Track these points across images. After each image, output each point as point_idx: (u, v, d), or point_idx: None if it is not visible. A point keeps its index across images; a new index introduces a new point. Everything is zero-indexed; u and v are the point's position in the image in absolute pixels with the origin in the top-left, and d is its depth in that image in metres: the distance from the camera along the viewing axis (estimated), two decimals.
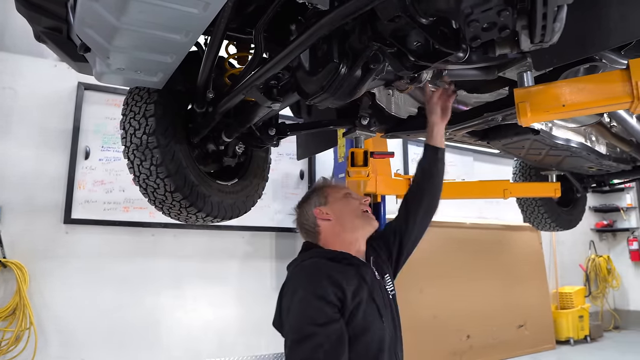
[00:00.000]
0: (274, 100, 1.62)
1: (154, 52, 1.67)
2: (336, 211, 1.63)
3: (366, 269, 1.53)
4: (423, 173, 1.83)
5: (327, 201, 1.66)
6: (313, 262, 1.49)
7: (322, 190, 1.71)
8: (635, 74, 1.43)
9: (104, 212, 3.84)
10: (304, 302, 1.34)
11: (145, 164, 2.01)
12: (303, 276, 1.44)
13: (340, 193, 1.69)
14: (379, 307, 1.45)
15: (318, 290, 1.34)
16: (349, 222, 1.61)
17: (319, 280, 1.37)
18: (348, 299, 1.36)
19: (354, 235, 1.61)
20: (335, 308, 1.34)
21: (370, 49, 1.28)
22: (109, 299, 3.77)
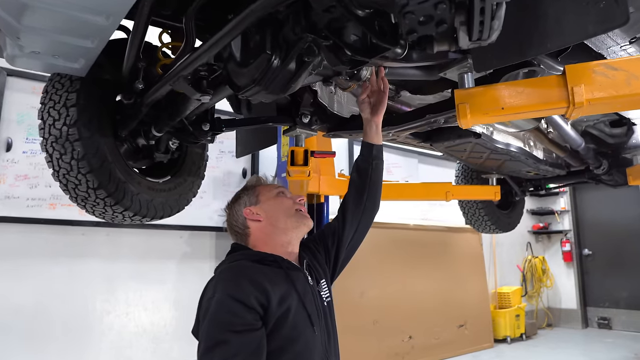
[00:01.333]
0: (204, 92, 1.50)
1: (73, 35, 1.51)
2: (267, 211, 1.52)
3: (297, 274, 1.43)
4: (359, 172, 1.74)
5: (258, 200, 1.55)
6: (237, 264, 1.39)
7: (253, 190, 1.60)
8: (571, 80, 1.44)
9: (28, 209, 3.55)
10: (221, 306, 1.21)
11: (66, 158, 1.84)
12: (224, 279, 1.31)
13: (272, 192, 1.59)
14: (310, 315, 1.34)
15: (237, 294, 1.22)
16: (281, 223, 1.51)
17: (240, 283, 1.26)
18: (273, 306, 1.25)
19: (286, 236, 1.51)
20: (257, 315, 1.22)
21: (304, 41, 1.20)
22: (30, 303, 3.49)
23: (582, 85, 1.41)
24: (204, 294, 1.32)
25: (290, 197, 1.60)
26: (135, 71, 1.87)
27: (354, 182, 1.76)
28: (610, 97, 1.40)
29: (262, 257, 1.41)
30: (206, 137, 2.11)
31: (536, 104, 1.48)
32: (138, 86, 1.86)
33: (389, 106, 2.56)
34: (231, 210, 1.60)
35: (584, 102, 1.41)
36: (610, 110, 1.61)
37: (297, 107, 2.29)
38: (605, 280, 8.05)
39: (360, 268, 5.17)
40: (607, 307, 7.99)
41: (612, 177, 3.72)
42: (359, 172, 1.74)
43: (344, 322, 5.03)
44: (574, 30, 1.29)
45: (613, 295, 7.91)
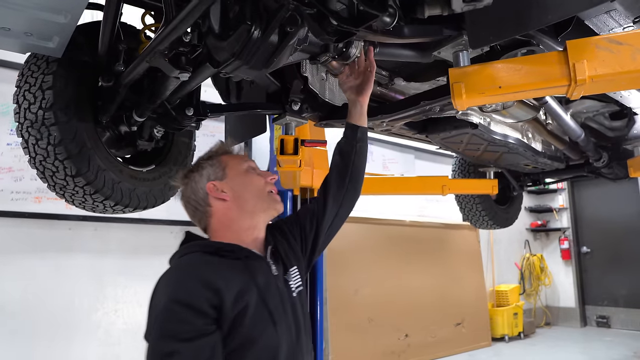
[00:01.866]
0: (182, 69, 1.41)
1: (43, 8, 1.43)
2: (235, 189, 1.32)
3: (259, 264, 1.27)
4: (342, 154, 1.60)
5: (224, 174, 1.34)
6: (188, 259, 1.23)
7: (219, 160, 1.37)
8: (573, 56, 1.35)
9: (12, 202, 3.45)
10: (166, 312, 1.07)
11: (42, 144, 1.76)
12: (172, 278, 1.16)
13: (241, 166, 1.38)
14: (271, 311, 1.20)
15: (185, 297, 1.08)
16: (249, 205, 1.32)
17: (189, 284, 1.12)
18: (227, 306, 1.11)
19: (253, 220, 1.33)
20: (208, 319, 1.08)
21: (286, 9, 1.11)
22: (15, 300, 3.40)
23: (584, 61, 1.33)
24: (153, 296, 1.16)
25: (261, 173, 1.41)
26: (116, 53, 1.79)
27: (336, 165, 1.61)
28: (614, 74, 1.31)
29: (218, 247, 1.25)
30: (190, 123, 2.02)
31: (535, 82, 1.39)
32: (118, 68, 1.78)
33: (382, 94, 2.48)
34: (189, 180, 1.36)
35: (586, 79, 1.32)
36: (615, 89, 1.53)
37: (286, 94, 2.21)
38: (604, 278, 7.99)
39: (355, 265, 5.09)
40: (606, 305, 7.92)
41: (612, 170, 3.64)
42: (341, 154, 1.60)
43: (338, 319, 4.97)
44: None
45: (612, 294, 7.85)
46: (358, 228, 5.34)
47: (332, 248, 4.86)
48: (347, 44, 1.43)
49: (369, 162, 5.72)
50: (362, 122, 1.61)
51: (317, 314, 3.79)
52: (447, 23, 1.45)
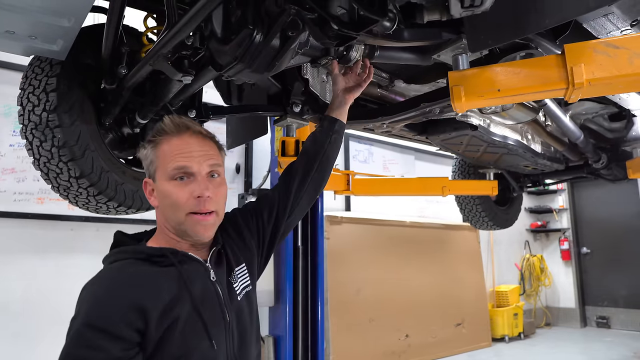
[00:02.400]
0: (185, 72, 1.43)
1: (47, 12, 1.45)
2: (161, 199, 1.15)
3: (195, 269, 1.13)
4: (315, 142, 1.50)
5: (155, 175, 1.16)
6: (114, 269, 1.08)
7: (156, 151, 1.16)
8: (571, 59, 1.37)
9: (14, 203, 3.47)
10: (77, 337, 0.96)
11: (46, 145, 1.78)
12: (87, 293, 1.03)
13: (168, 168, 1.13)
14: (206, 323, 1.06)
15: (101, 322, 0.95)
16: (172, 222, 1.14)
17: (109, 305, 0.98)
18: (151, 326, 0.98)
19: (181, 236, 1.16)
20: (126, 343, 0.96)
21: (287, 14, 1.13)
22: (18, 299, 3.41)
23: (582, 65, 1.34)
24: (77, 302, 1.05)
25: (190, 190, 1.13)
26: (118, 56, 1.80)
27: (306, 152, 1.50)
28: (611, 77, 1.33)
29: (149, 254, 1.11)
30: None
31: (534, 85, 1.41)
32: (121, 71, 1.80)
33: (383, 96, 2.50)
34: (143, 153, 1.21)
35: (584, 82, 1.34)
36: (612, 92, 1.55)
37: (287, 96, 2.23)
38: (604, 278, 7.99)
39: (355, 265, 5.11)
40: (606, 306, 7.93)
41: (611, 172, 3.66)
42: (315, 142, 1.50)
43: (339, 319, 4.99)
44: (574, 4, 1.22)
45: (612, 294, 7.86)
46: (359, 229, 5.35)
47: (333, 248, 4.89)
48: (348, 48, 1.45)
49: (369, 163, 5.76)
50: (342, 117, 1.55)
51: (318, 314, 3.81)
52: (447, 27, 1.47)
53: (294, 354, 3.75)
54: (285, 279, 3.78)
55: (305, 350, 3.80)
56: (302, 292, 3.84)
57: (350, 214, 5.51)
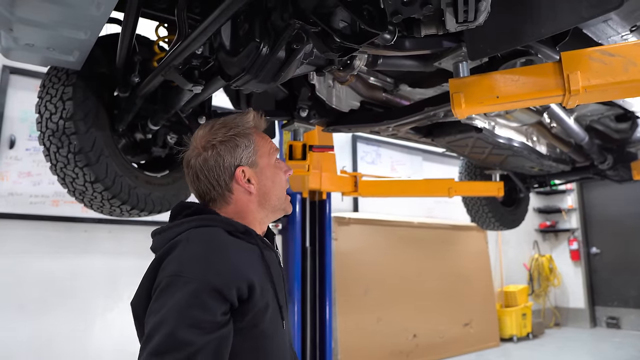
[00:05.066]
0: (195, 82, 1.50)
1: (66, 26, 1.52)
2: (263, 183, 1.19)
3: (271, 254, 1.16)
4: None
5: (256, 161, 1.19)
6: (212, 234, 1.06)
7: (253, 140, 1.20)
8: (567, 67, 1.41)
9: (31, 205, 3.57)
10: (193, 297, 0.94)
11: (62, 152, 1.86)
12: (195, 252, 1.01)
13: (272, 156, 1.23)
14: (281, 307, 1.11)
15: (217, 282, 0.96)
16: (272, 203, 1.21)
17: (221, 266, 0.99)
18: (255, 299, 1.01)
19: (267, 216, 1.23)
20: (228, 309, 0.98)
21: (292, 28, 1.19)
22: (34, 299, 3.51)
23: (578, 72, 1.39)
24: (164, 264, 1.02)
25: (281, 166, 1.26)
26: (131, 65, 1.87)
27: None
28: (606, 84, 1.37)
29: (237, 228, 1.11)
30: None
31: (531, 92, 1.46)
32: (134, 79, 1.87)
33: (388, 100, 2.55)
34: (215, 151, 1.16)
35: (579, 89, 1.39)
36: (608, 98, 1.59)
37: (295, 101, 2.29)
38: (614, 279, 7.96)
39: (363, 265, 5.15)
40: (616, 306, 7.89)
41: (617, 172, 3.67)
42: None
43: (347, 319, 5.04)
44: (568, 15, 1.27)
45: (622, 294, 7.82)
46: (366, 229, 5.40)
47: (341, 249, 4.94)
48: (351, 57, 1.51)
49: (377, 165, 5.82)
50: None
51: (327, 314, 3.86)
52: (447, 36, 1.52)
53: (302, 354, 3.81)
54: (293, 279, 3.84)
55: (313, 349, 3.86)
56: (310, 292, 3.90)
57: (358, 214, 5.56)
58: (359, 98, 2.51)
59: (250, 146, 1.18)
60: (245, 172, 1.17)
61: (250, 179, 1.17)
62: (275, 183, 1.22)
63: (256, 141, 1.20)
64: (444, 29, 1.02)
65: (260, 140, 1.22)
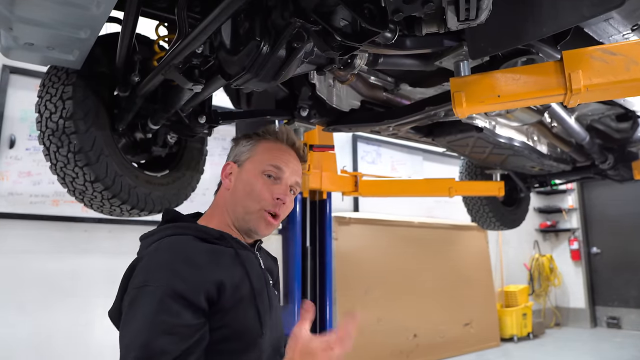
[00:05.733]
0: (196, 81, 1.49)
1: (65, 25, 1.51)
2: (238, 184, 1.22)
3: (248, 256, 1.16)
4: None
5: (242, 162, 1.25)
6: (184, 240, 1.08)
7: (254, 145, 1.26)
8: (568, 66, 1.41)
9: (31, 205, 3.57)
10: (159, 304, 0.94)
11: (62, 151, 1.85)
12: (160, 261, 1.03)
13: (263, 165, 1.22)
14: (259, 310, 1.10)
15: (181, 287, 0.97)
16: (239, 208, 1.20)
17: (185, 271, 1.00)
18: (224, 299, 1.02)
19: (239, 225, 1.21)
20: (199, 312, 0.99)
21: (292, 26, 1.18)
22: (34, 300, 3.51)
23: (579, 71, 1.38)
24: (132, 276, 1.04)
25: (273, 189, 1.21)
26: (131, 64, 1.87)
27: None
28: (608, 83, 1.37)
29: (209, 234, 1.12)
30: (203, 130, 2.11)
31: (533, 91, 1.45)
32: (134, 79, 1.86)
33: (389, 100, 2.55)
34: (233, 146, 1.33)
35: (581, 88, 1.38)
36: (609, 97, 1.58)
37: (295, 101, 2.28)
38: (614, 279, 7.95)
39: (364, 265, 5.15)
40: (617, 306, 7.89)
41: (618, 172, 3.67)
42: None
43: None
44: (570, 13, 1.26)
45: (622, 294, 7.82)
46: (367, 229, 5.40)
47: (341, 249, 4.93)
48: (352, 56, 1.51)
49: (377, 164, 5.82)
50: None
51: (327, 314, 3.86)
52: (448, 35, 1.51)
53: None
54: (294, 279, 3.84)
55: None
56: (310, 292, 3.89)
57: (358, 214, 5.55)
58: (359, 97, 2.50)
59: (247, 147, 1.26)
60: (231, 167, 1.26)
61: (231, 175, 1.25)
62: (247, 191, 1.20)
63: (257, 146, 1.26)
64: (445, 27, 1.02)
65: (261, 148, 1.25)
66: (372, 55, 1.62)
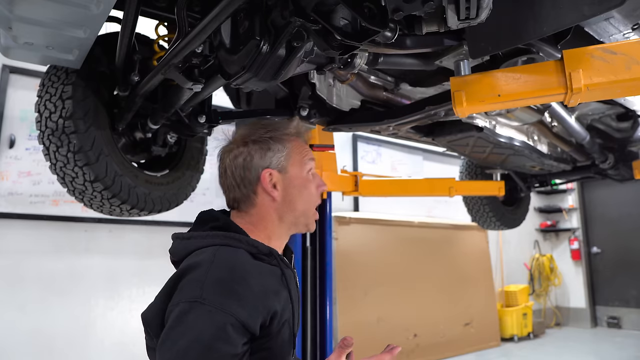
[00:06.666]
0: (195, 81, 1.49)
1: (65, 24, 1.51)
2: (289, 192, 1.13)
3: (290, 274, 1.11)
4: None
5: (286, 168, 1.14)
6: (237, 256, 1.00)
7: (288, 145, 1.16)
8: (569, 65, 1.41)
9: (30, 205, 3.57)
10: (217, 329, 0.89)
11: (62, 151, 1.85)
12: (218, 278, 0.94)
13: (306, 165, 1.17)
14: (294, 332, 1.08)
15: (241, 313, 0.91)
16: (295, 215, 1.14)
17: (243, 295, 0.93)
18: (275, 323, 0.99)
19: (288, 230, 1.17)
20: (250, 338, 0.94)
21: (292, 26, 1.18)
22: (34, 300, 3.50)
23: (580, 71, 1.38)
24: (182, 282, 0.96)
25: (315, 178, 1.20)
26: (131, 63, 1.87)
27: None
28: (609, 82, 1.37)
29: (260, 250, 1.05)
30: (202, 129, 2.11)
31: (533, 91, 1.45)
32: (134, 78, 1.86)
33: (389, 99, 2.54)
34: (246, 150, 1.13)
35: (582, 87, 1.38)
36: (610, 97, 1.58)
37: (295, 100, 2.28)
38: (615, 278, 7.95)
39: (364, 265, 5.15)
40: (617, 306, 7.88)
41: (618, 172, 3.66)
42: None
43: (347, 319, 5.03)
44: (570, 12, 1.26)
45: (623, 294, 7.81)
46: (367, 229, 5.39)
47: (341, 249, 4.93)
48: (352, 56, 1.50)
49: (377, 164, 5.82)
50: None
51: (327, 314, 3.85)
52: (448, 34, 1.51)
53: (303, 353, 3.80)
54: None
55: (314, 349, 3.85)
56: (310, 292, 3.89)
57: (358, 214, 5.55)
58: (359, 97, 2.50)
59: (283, 151, 1.15)
60: (273, 175, 1.12)
61: (276, 184, 1.13)
62: (302, 194, 1.15)
63: (291, 148, 1.16)
64: (445, 26, 1.02)
65: (296, 148, 1.18)
66: (372, 55, 1.62)
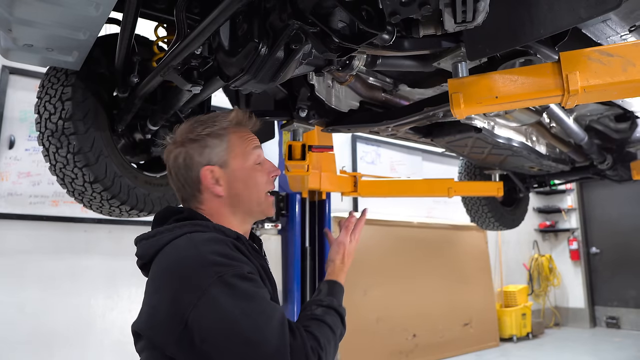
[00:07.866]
0: (194, 83, 1.50)
1: (64, 27, 1.52)
2: (234, 186, 1.13)
3: (265, 260, 1.15)
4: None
5: (227, 162, 1.13)
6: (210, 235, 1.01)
7: (226, 138, 1.15)
8: (566, 67, 1.41)
9: (30, 205, 3.58)
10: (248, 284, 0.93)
11: (62, 152, 1.86)
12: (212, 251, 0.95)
13: (250, 156, 1.17)
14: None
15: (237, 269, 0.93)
16: (245, 207, 1.15)
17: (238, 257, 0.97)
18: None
19: (244, 221, 1.18)
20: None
21: (290, 28, 1.18)
22: (34, 300, 3.51)
23: (576, 73, 1.38)
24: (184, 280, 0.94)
25: (264, 167, 1.20)
26: (130, 65, 1.87)
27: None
28: (605, 84, 1.37)
29: (226, 233, 1.06)
30: None
31: (531, 92, 1.45)
32: (133, 80, 1.86)
33: (387, 100, 2.55)
34: (184, 150, 1.13)
35: (578, 89, 1.38)
36: (607, 98, 1.58)
37: (294, 101, 2.29)
38: (614, 278, 7.96)
39: (363, 266, 5.15)
40: (616, 306, 7.89)
41: (616, 172, 3.67)
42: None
43: (347, 319, 5.01)
44: (567, 15, 1.27)
45: (622, 294, 7.82)
46: (366, 229, 5.38)
47: None
48: (350, 58, 1.51)
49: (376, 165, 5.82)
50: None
51: None
52: (446, 36, 1.52)
53: None
54: (293, 279, 3.84)
55: None
56: (310, 292, 3.90)
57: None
58: (358, 98, 2.50)
59: (222, 145, 1.14)
60: (214, 171, 1.12)
61: (219, 180, 1.12)
62: (248, 186, 1.15)
63: (231, 141, 1.15)
64: (442, 29, 1.02)
65: (236, 140, 1.16)
66: (371, 57, 1.63)
